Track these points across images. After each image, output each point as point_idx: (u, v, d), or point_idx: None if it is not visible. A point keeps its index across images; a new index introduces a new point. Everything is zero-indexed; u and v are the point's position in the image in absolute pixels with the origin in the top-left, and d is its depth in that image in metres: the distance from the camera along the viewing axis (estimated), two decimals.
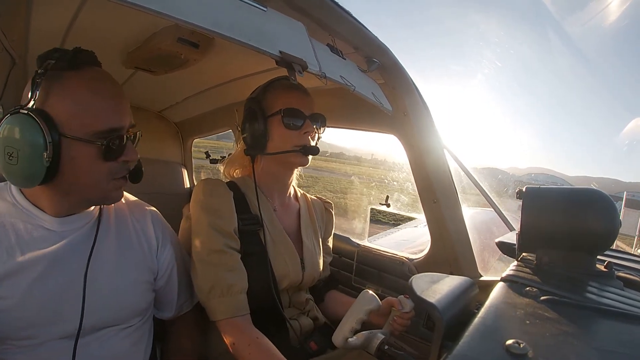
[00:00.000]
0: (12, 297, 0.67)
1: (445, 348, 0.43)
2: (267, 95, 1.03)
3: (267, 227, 1.01)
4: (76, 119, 0.64)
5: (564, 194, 0.60)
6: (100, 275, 0.75)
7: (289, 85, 1.04)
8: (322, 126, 1.08)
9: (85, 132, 0.65)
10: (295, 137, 1.00)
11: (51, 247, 0.71)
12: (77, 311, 0.70)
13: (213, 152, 1.94)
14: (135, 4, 0.48)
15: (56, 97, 0.64)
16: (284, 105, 1.00)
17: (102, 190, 0.72)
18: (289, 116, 0.99)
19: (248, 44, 0.63)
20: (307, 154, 1.02)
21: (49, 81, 0.64)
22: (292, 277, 1.01)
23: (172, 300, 0.93)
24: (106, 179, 0.71)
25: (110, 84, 0.71)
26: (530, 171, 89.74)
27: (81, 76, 0.67)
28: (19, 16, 0.92)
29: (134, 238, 0.83)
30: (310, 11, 0.80)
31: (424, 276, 0.59)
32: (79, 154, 0.66)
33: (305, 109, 1.02)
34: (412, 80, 1.08)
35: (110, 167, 0.70)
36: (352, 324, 0.78)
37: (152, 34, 1.07)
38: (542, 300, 0.47)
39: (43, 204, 0.72)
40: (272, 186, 1.08)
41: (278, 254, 1.00)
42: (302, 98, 1.03)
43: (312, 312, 1.09)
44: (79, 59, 0.67)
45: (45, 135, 0.61)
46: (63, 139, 0.64)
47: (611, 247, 0.60)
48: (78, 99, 0.65)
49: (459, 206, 1.18)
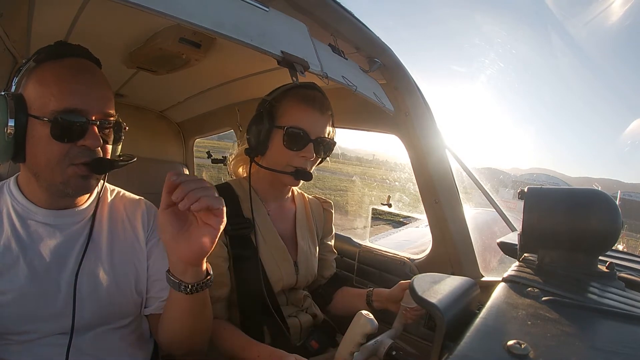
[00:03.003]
0: (8, 293, 0.68)
1: (447, 348, 0.43)
2: (282, 102, 1.01)
3: (260, 231, 1.01)
4: (39, 100, 0.68)
5: (565, 195, 0.60)
6: (92, 272, 0.75)
7: (308, 96, 1.00)
8: (326, 152, 1.04)
9: (43, 112, 0.68)
10: (292, 157, 0.98)
11: (46, 242, 0.72)
12: (70, 307, 0.71)
13: (214, 152, 1.95)
14: (138, 4, 0.49)
15: (31, 82, 0.70)
16: (292, 122, 0.97)
17: (59, 174, 0.70)
18: (291, 136, 0.97)
19: (250, 44, 0.63)
20: (298, 178, 1.00)
21: (32, 70, 0.71)
22: (285, 280, 1.01)
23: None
24: (61, 161, 0.69)
25: (84, 71, 0.72)
26: (532, 171, 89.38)
27: (56, 64, 0.70)
28: (21, 16, 0.92)
29: (128, 234, 0.83)
30: (312, 11, 0.80)
31: (426, 276, 0.59)
32: (37, 132, 0.68)
33: (313, 131, 0.98)
34: (414, 81, 1.08)
35: (66, 149, 0.69)
36: (350, 348, 0.75)
37: (153, 34, 1.08)
38: (544, 300, 0.47)
39: (35, 195, 0.74)
40: (267, 190, 1.08)
41: (271, 258, 1.00)
42: (315, 117, 0.99)
43: (310, 309, 1.09)
44: (60, 51, 0.71)
45: (9, 112, 0.66)
46: (30, 119, 0.68)
47: (613, 247, 0.60)
48: (44, 82, 0.69)
49: (461, 206, 1.17)
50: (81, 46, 0.74)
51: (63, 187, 0.71)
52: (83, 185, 0.73)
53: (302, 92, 1.01)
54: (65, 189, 0.72)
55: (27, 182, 0.75)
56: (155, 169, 1.98)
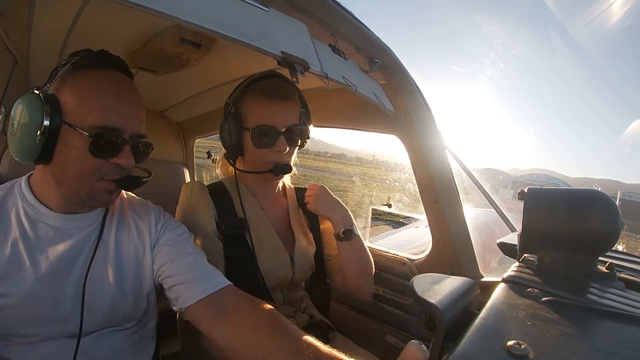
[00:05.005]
0: (14, 295, 0.67)
1: (446, 349, 0.43)
2: (243, 101, 0.99)
3: (253, 227, 1.00)
4: (77, 110, 0.68)
5: (565, 195, 0.60)
6: (101, 277, 0.75)
7: (266, 91, 0.96)
8: (301, 139, 1.01)
9: (82, 124, 0.68)
10: (267, 155, 0.97)
11: (55, 245, 0.72)
12: (78, 311, 0.71)
13: (214, 152, 1.94)
14: (138, 4, 0.49)
15: (68, 87, 0.69)
16: (256, 121, 0.95)
17: (87, 187, 0.71)
18: (259, 135, 0.95)
19: (250, 45, 0.63)
20: (278, 173, 0.99)
21: (68, 73, 0.71)
22: (280, 276, 1.01)
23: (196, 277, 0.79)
24: (92, 175, 0.70)
25: (123, 88, 0.73)
26: (532, 172, 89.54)
27: (96, 74, 0.71)
28: (21, 16, 0.92)
29: (135, 239, 0.83)
30: (312, 11, 0.80)
31: (425, 277, 0.59)
32: (71, 142, 0.68)
33: (280, 122, 0.95)
34: (414, 81, 1.08)
35: (99, 164, 0.70)
36: None
37: (154, 34, 1.08)
38: (544, 301, 0.47)
39: (47, 198, 0.73)
40: (257, 186, 1.07)
41: (265, 253, 1.00)
42: (278, 108, 0.96)
43: (308, 310, 1.09)
44: (100, 60, 0.72)
45: (44, 115, 0.65)
46: (63, 125, 0.68)
47: (613, 248, 0.60)
48: (84, 92, 0.69)
49: (461, 207, 1.17)
50: (120, 58, 0.75)
51: (86, 198, 0.72)
52: (107, 199, 0.75)
53: (260, 85, 0.98)
54: (88, 201, 0.73)
55: (43, 184, 0.74)
56: (155, 169, 1.97)
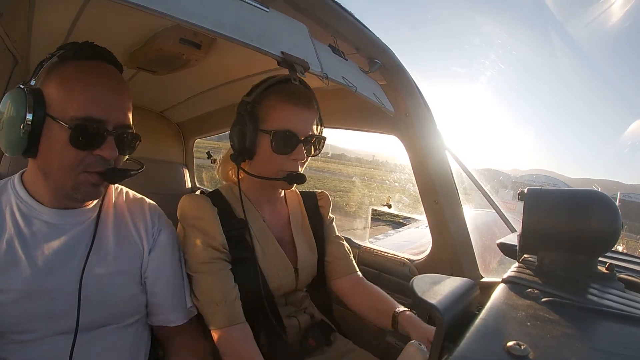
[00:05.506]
0: (10, 291, 0.67)
1: (446, 349, 0.42)
2: (264, 102, 0.93)
3: (256, 237, 0.97)
4: (60, 102, 0.68)
5: (565, 196, 0.60)
6: (97, 273, 0.75)
7: (291, 94, 0.92)
8: (317, 149, 0.98)
9: (63, 116, 0.67)
10: (283, 162, 0.92)
11: (50, 241, 0.72)
12: (74, 307, 0.71)
13: (214, 153, 1.94)
14: (138, 4, 0.49)
15: (53, 80, 0.69)
16: (279, 124, 0.90)
17: (71, 179, 0.70)
18: (280, 140, 0.90)
19: (250, 45, 0.63)
20: (292, 182, 0.95)
21: (53, 66, 0.70)
22: (285, 287, 1.00)
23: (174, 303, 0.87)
24: (75, 167, 0.70)
25: (107, 79, 0.72)
26: (532, 172, 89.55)
27: (80, 66, 0.70)
28: (21, 16, 0.93)
29: (131, 235, 0.83)
30: (312, 12, 0.80)
31: (425, 277, 0.59)
32: (54, 134, 0.68)
33: (301, 130, 0.91)
34: (414, 81, 1.08)
35: (81, 156, 0.69)
36: None
37: (154, 34, 1.08)
38: (543, 301, 0.47)
39: (39, 194, 0.73)
40: (259, 194, 1.03)
41: (271, 266, 0.97)
42: (301, 115, 0.92)
43: (309, 309, 1.09)
44: (85, 51, 0.71)
45: (27, 109, 0.65)
46: (47, 118, 0.67)
47: (613, 248, 0.60)
48: (67, 84, 0.68)
49: (461, 207, 1.18)
50: (106, 50, 0.74)
51: (72, 191, 0.72)
52: (93, 192, 0.74)
53: (284, 89, 0.92)
54: (74, 194, 0.72)
55: (33, 179, 0.74)
56: (155, 169, 1.98)
